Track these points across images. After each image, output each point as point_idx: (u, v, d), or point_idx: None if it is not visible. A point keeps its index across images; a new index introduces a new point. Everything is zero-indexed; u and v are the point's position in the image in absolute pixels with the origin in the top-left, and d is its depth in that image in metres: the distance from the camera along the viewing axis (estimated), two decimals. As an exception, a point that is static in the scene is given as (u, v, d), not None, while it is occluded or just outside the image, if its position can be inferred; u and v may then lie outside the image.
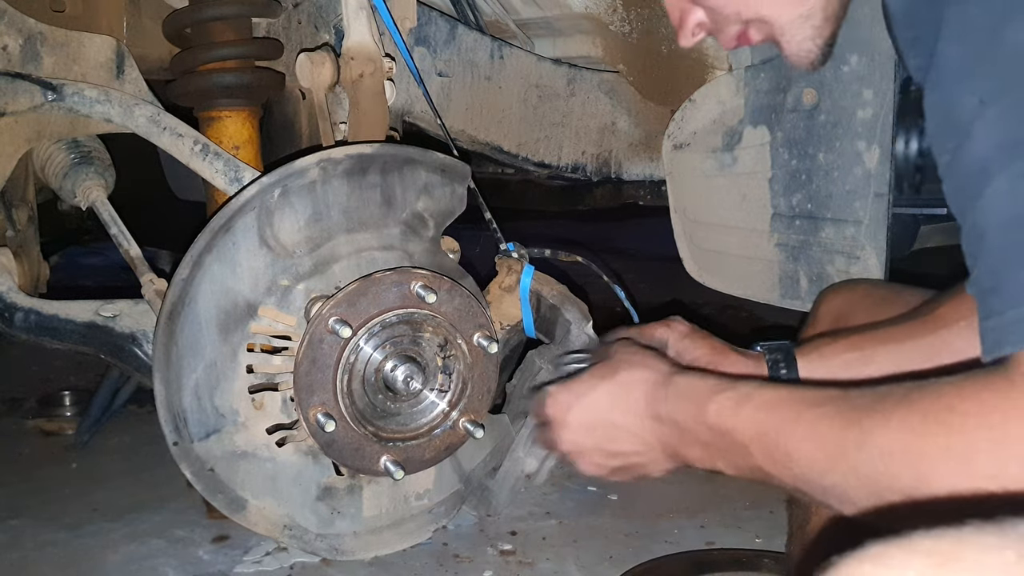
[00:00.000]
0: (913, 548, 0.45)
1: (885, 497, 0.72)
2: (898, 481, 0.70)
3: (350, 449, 1.27)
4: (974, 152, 0.61)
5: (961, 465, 0.67)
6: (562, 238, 3.99)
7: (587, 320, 1.43)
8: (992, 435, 0.66)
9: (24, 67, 1.36)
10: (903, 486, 0.70)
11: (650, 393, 0.96)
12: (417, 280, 1.28)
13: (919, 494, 0.69)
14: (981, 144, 0.60)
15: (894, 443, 0.71)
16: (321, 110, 1.44)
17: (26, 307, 1.33)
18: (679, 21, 0.96)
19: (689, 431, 0.91)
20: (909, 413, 0.71)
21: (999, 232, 0.61)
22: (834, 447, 0.76)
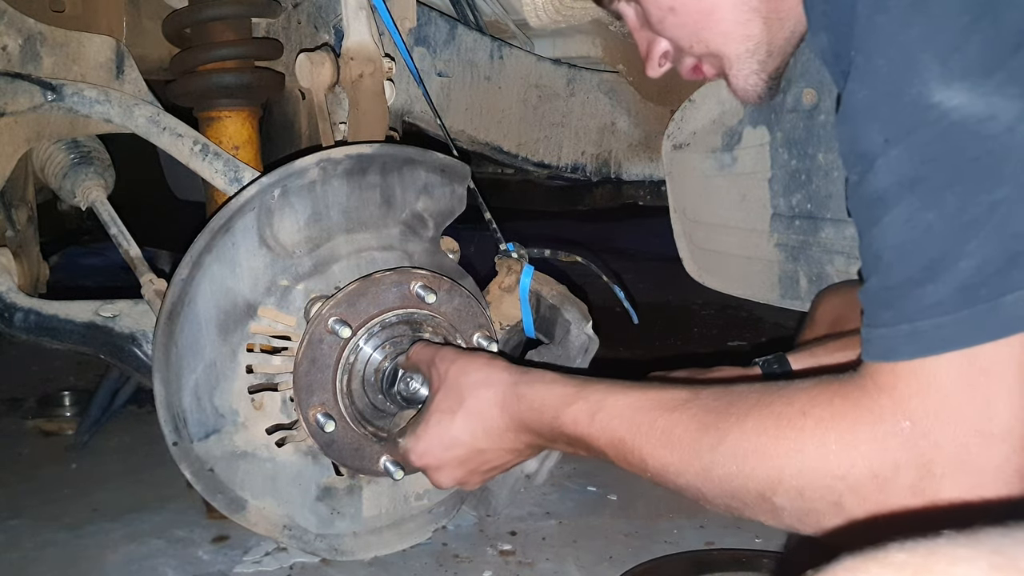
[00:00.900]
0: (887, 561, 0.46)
1: (739, 497, 0.77)
2: (751, 481, 0.75)
3: (350, 449, 1.28)
4: (876, 183, 0.67)
5: (812, 465, 0.71)
6: (562, 238, 3.99)
7: (587, 320, 1.43)
8: (841, 439, 0.70)
9: (24, 67, 1.36)
10: (756, 486, 0.75)
11: (504, 411, 1.02)
12: (417, 280, 1.28)
13: (771, 494, 0.74)
14: (883, 177, 0.67)
15: (748, 444, 0.75)
16: (321, 110, 1.44)
17: (26, 307, 1.33)
18: (646, 52, 1.00)
19: (550, 439, 0.98)
20: (763, 416, 0.75)
21: (895, 253, 0.68)
22: (688, 451, 0.81)
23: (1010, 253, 0.63)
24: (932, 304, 0.66)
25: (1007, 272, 0.63)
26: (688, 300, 3.35)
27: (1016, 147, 0.61)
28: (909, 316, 0.67)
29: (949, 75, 0.61)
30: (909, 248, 0.66)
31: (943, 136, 0.63)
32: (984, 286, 0.64)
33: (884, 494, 0.68)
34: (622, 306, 1.49)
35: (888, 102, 0.65)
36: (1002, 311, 0.64)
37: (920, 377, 0.67)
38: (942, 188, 0.64)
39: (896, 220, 0.66)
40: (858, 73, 0.67)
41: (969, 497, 0.65)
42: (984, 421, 0.65)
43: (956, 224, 0.64)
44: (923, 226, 0.65)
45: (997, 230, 0.63)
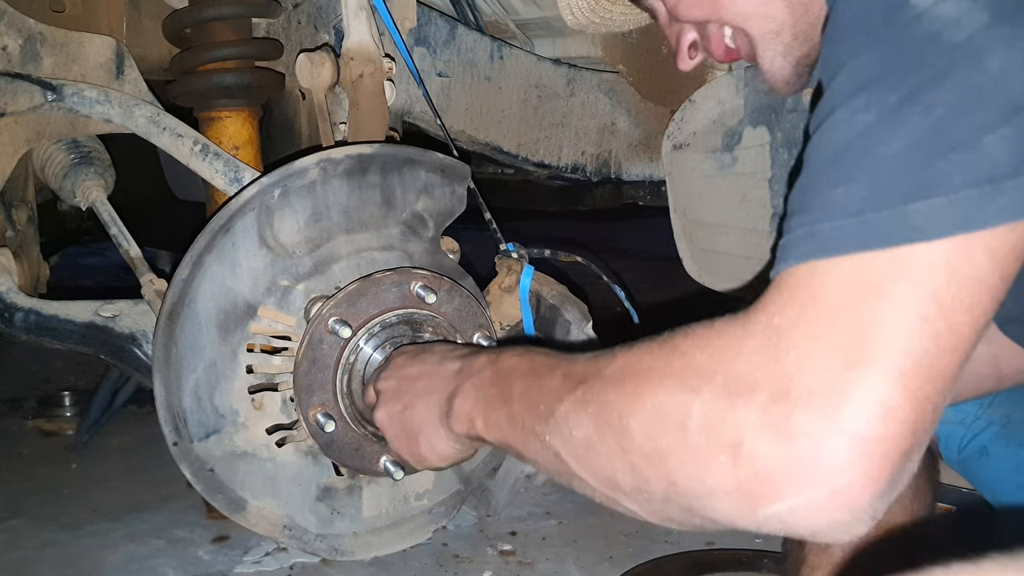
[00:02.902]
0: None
1: (600, 427, 0.69)
2: (616, 401, 0.68)
3: (350, 449, 1.27)
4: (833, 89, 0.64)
5: (672, 381, 0.65)
6: (562, 238, 3.99)
7: (587, 320, 1.43)
8: (706, 354, 0.64)
9: (24, 67, 1.36)
10: (618, 407, 0.67)
11: (446, 349, 1.04)
12: (417, 280, 1.28)
13: (628, 414, 0.66)
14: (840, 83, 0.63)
15: (625, 364, 0.70)
16: (321, 110, 1.44)
17: (26, 307, 1.32)
18: (676, 44, 0.98)
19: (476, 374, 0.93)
20: (652, 341, 0.70)
21: (821, 152, 0.63)
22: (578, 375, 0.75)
23: (932, 159, 0.58)
24: (837, 205, 0.60)
25: (924, 177, 0.58)
26: (688, 300, 3.34)
27: (969, 55, 0.58)
28: (811, 218, 0.62)
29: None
30: (836, 148, 0.62)
31: (905, 37, 0.60)
32: (894, 190, 0.58)
33: (732, 417, 0.59)
34: (622, 306, 1.49)
35: (876, 12, 0.62)
36: (907, 217, 0.58)
37: (800, 284, 0.61)
38: (888, 89, 0.60)
39: (836, 120, 0.63)
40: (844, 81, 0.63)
41: (822, 432, 0.56)
42: (859, 344, 0.57)
43: (887, 124, 0.60)
44: (858, 126, 0.61)
45: (926, 133, 0.58)
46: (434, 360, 1.04)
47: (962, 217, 0.57)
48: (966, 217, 0.57)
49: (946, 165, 0.58)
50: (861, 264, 0.58)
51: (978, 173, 0.57)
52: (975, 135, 0.57)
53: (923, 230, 0.57)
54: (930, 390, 0.57)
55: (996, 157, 0.57)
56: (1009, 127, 0.57)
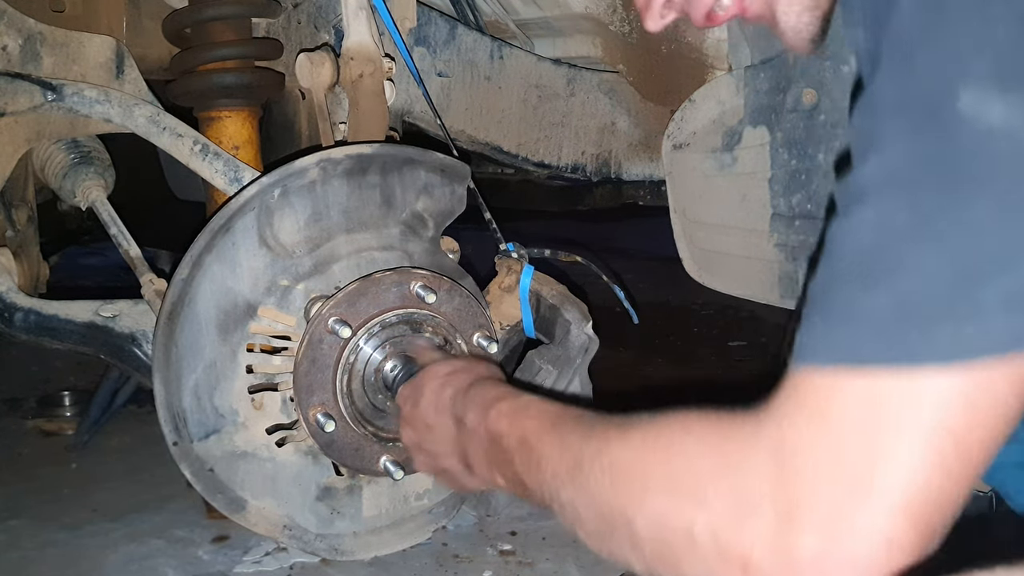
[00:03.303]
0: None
1: (607, 518, 0.70)
2: (618, 497, 0.69)
3: (350, 449, 1.28)
4: (865, 173, 0.60)
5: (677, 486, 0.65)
6: (562, 238, 3.99)
7: (587, 320, 1.43)
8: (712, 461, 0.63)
9: (24, 67, 1.36)
10: (621, 504, 0.68)
11: (455, 395, 1.02)
12: (417, 280, 1.28)
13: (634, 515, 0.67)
14: (873, 169, 0.60)
15: (625, 455, 0.70)
16: (321, 110, 1.44)
17: (26, 307, 1.32)
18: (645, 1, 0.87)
19: (475, 435, 0.96)
20: (648, 428, 0.70)
21: (847, 249, 0.61)
22: (572, 458, 0.75)
23: (964, 279, 0.55)
24: (860, 312, 0.58)
25: (955, 298, 0.55)
26: (688, 300, 3.34)
27: (1015, 166, 0.54)
28: (832, 319, 0.60)
29: (989, 81, 0.55)
30: (864, 247, 0.59)
31: (948, 138, 0.56)
32: (922, 307, 0.56)
33: (739, 535, 0.60)
34: (622, 306, 1.49)
35: (918, 102, 0.57)
36: (934, 338, 0.55)
37: (814, 394, 0.59)
38: (923, 193, 0.57)
39: (864, 216, 0.59)
40: (892, 68, 0.59)
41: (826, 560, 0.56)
42: (867, 474, 0.56)
43: (920, 234, 0.56)
44: (889, 227, 0.58)
45: (959, 250, 0.55)
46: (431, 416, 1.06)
47: (989, 343, 0.55)
48: (993, 343, 0.55)
49: (978, 287, 0.55)
50: (878, 383, 0.57)
51: (1011, 297, 0.55)
52: (1010, 256, 0.54)
53: (947, 354, 0.55)
54: (937, 519, 0.57)
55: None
56: None
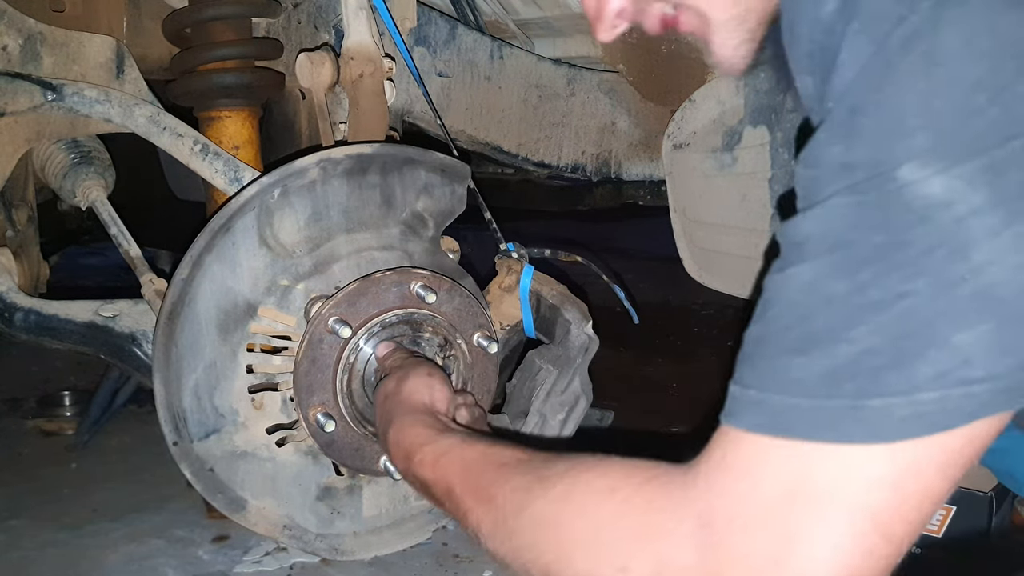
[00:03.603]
0: None
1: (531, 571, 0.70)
2: (543, 555, 0.68)
3: (350, 449, 1.27)
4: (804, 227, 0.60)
5: (601, 550, 0.64)
6: (562, 238, 3.99)
7: (587, 320, 1.43)
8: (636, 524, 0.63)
9: (24, 67, 1.36)
10: (545, 563, 0.68)
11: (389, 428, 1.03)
12: (417, 280, 1.28)
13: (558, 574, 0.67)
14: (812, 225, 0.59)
15: (548, 513, 0.69)
16: (321, 110, 1.44)
17: (26, 307, 1.32)
18: (596, 11, 0.85)
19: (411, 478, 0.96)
20: (573, 485, 0.68)
21: (783, 309, 0.60)
22: (498, 512, 0.75)
23: (896, 352, 0.54)
24: (792, 379, 0.58)
25: (883, 372, 0.54)
26: (688, 300, 3.34)
27: (953, 240, 0.53)
28: (762, 382, 0.59)
29: (931, 155, 0.53)
30: (799, 310, 0.58)
31: (888, 210, 0.55)
32: (853, 380, 0.55)
33: None
34: (622, 306, 1.49)
35: (861, 167, 0.56)
36: (862, 413, 0.55)
37: (742, 461, 0.59)
38: (861, 262, 0.56)
39: (802, 275, 0.58)
40: (835, 126, 0.58)
41: None
42: (787, 556, 0.56)
43: (855, 303, 0.56)
44: (824, 293, 0.57)
45: (893, 323, 0.54)
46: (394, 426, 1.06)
47: (918, 423, 0.54)
48: (923, 423, 0.54)
49: (910, 363, 0.54)
50: (804, 458, 0.56)
51: (943, 374, 0.54)
52: (945, 332, 0.54)
53: (875, 433, 0.55)
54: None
55: (966, 356, 0.54)
56: (986, 324, 0.53)
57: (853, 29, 0.58)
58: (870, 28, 0.57)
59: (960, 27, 0.54)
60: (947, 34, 0.54)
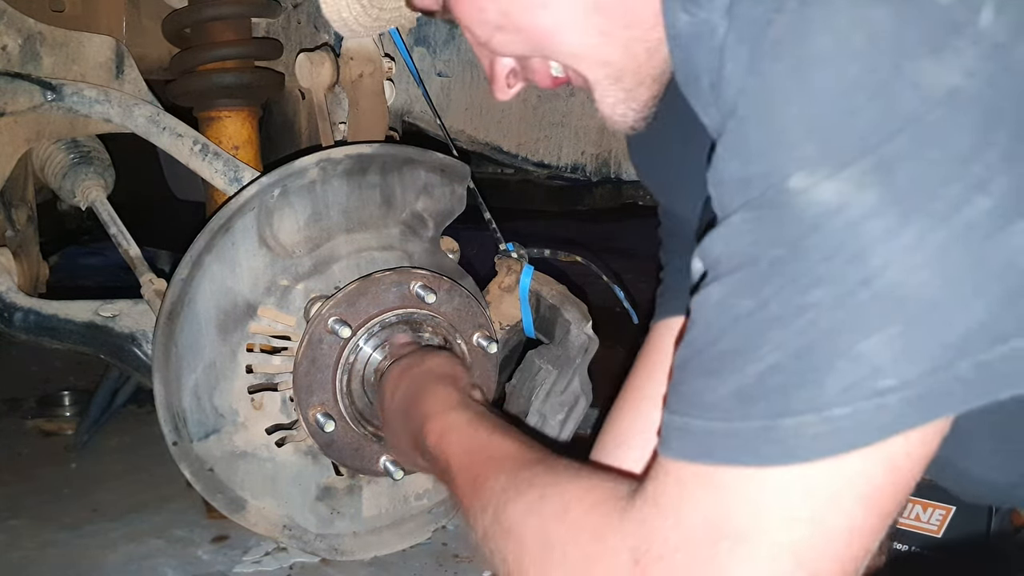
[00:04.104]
0: None
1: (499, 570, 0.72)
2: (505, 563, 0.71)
3: (349, 449, 1.27)
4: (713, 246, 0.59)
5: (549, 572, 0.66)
6: (562, 238, 3.99)
7: (587, 320, 1.43)
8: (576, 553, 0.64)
9: (24, 67, 1.36)
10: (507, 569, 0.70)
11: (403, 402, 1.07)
12: (417, 280, 1.28)
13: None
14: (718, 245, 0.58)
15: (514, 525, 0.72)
16: (321, 110, 1.44)
17: (25, 307, 1.32)
18: (490, 73, 0.86)
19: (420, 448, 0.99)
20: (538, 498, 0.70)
21: (699, 330, 0.59)
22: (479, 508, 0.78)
23: (803, 367, 0.53)
24: (708, 403, 0.57)
25: (793, 389, 0.53)
26: (688, 300, 3.34)
27: (849, 245, 0.51)
28: (686, 407, 0.58)
29: (817, 159, 0.52)
30: (711, 331, 0.57)
31: (782, 220, 0.53)
32: (765, 399, 0.54)
33: None
34: (622, 306, 1.49)
35: (755, 183, 0.55)
36: (776, 434, 0.53)
37: (669, 487, 0.59)
38: (763, 277, 0.54)
39: (712, 295, 0.58)
40: (729, 140, 0.57)
41: None
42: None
43: (758, 320, 0.54)
44: (732, 313, 0.56)
45: (796, 336, 0.53)
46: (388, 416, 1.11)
47: (832, 438, 0.52)
48: (837, 438, 0.52)
49: (817, 376, 0.52)
50: (725, 487, 0.56)
51: (853, 385, 0.52)
52: (850, 341, 0.52)
53: (790, 451, 0.53)
54: None
55: (874, 365, 0.52)
56: (891, 328, 0.51)
57: (731, 39, 0.57)
58: (744, 34, 0.56)
59: (830, 26, 0.52)
60: (817, 35, 0.52)
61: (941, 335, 0.51)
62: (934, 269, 0.51)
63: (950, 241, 0.50)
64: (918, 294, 0.51)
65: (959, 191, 0.50)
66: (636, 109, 0.79)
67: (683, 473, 0.58)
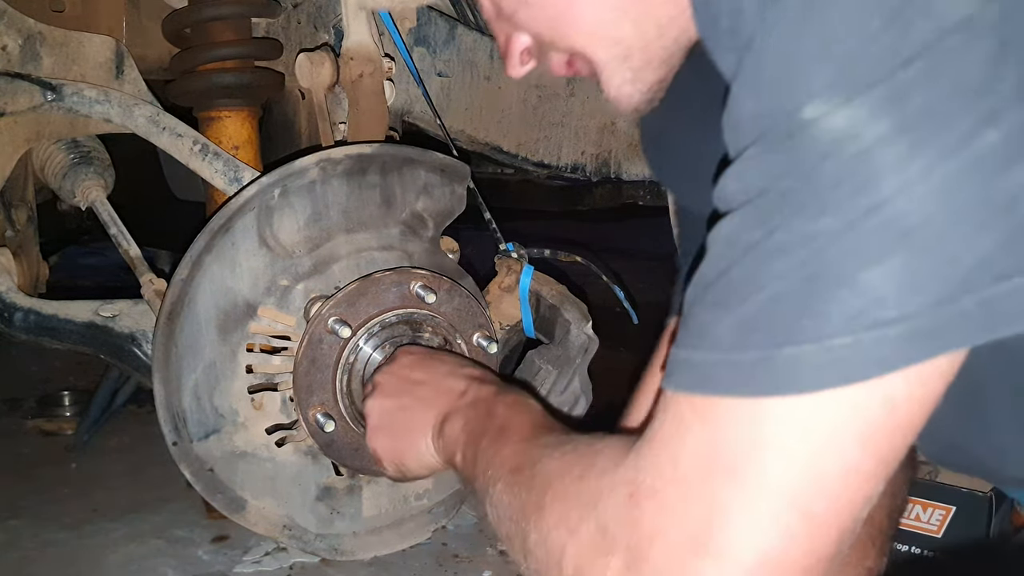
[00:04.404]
0: None
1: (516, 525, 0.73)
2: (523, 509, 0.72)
3: (349, 449, 1.28)
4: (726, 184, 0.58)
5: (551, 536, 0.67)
6: (562, 238, 3.99)
7: (587, 320, 1.43)
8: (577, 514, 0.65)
9: (24, 67, 1.36)
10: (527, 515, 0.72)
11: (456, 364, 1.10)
12: (416, 280, 1.28)
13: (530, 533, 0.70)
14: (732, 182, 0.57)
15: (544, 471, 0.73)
16: (320, 110, 1.44)
17: (25, 307, 1.32)
18: (504, 48, 0.87)
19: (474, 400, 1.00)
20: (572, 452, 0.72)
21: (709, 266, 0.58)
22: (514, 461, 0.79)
23: (805, 295, 0.52)
24: (711, 334, 0.56)
25: (794, 318, 0.52)
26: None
27: (858, 172, 0.51)
28: (692, 340, 0.58)
29: (831, 87, 0.52)
30: (720, 263, 0.57)
31: (795, 150, 0.53)
32: (764, 329, 0.53)
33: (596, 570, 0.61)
34: (622, 306, 1.49)
35: (768, 115, 0.54)
36: (776, 364, 0.52)
37: (669, 422, 0.58)
38: (772, 207, 0.54)
39: (722, 229, 0.57)
40: (745, 78, 0.56)
41: None
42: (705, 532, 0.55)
43: (765, 249, 0.54)
44: (741, 244, 0.55)
45: (800, 265, 0.52)
46: (443, 371, 1.08)
47: (832, 368, 0.52)
48: (836, 369, 0.52)
49: (820, 305, 0.51)
50: (720, 418, 0.55)
51: (855, 315, 0.51)
52: (854, 270, 0.51)
53: (787, 381, 0.52)
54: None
55: (877, 296, 0.51)
56: (896, 258, 0.50)
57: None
58: None
59: None
60: None
61: (946, 269, 0.50)
62: (942, 201, 0.50)
63: (959, 174, 0.50)
64: (925, 225, 0.50)
65: (970, 123, 0.49)
66: (642, 91, 0.79)
67: (681, 406, 0.58)
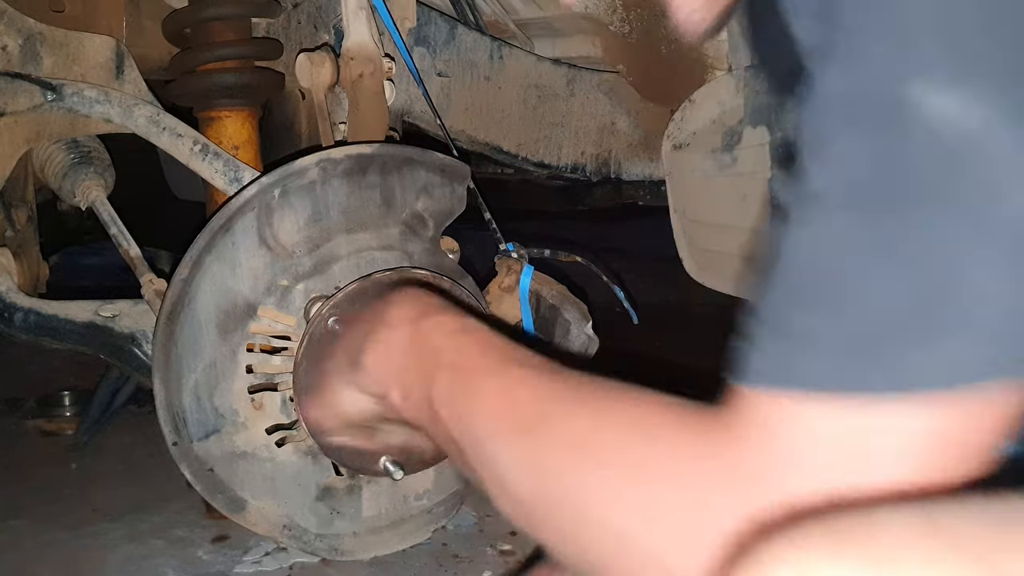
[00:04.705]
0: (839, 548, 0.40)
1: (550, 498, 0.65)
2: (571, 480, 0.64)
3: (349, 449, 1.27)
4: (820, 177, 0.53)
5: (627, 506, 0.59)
6: (562, 238, 3.99)
7: (587, 320, 1.43)
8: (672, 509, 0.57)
9: (24, 67, 1.36)
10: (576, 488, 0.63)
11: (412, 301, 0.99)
12: (417, 280, 1.28)
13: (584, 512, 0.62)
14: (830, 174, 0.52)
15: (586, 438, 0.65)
16: (320, 110, 1.44)
17: (25, 307, 1.33)
18: None
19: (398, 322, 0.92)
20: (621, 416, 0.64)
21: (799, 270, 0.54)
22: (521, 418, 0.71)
23: (911, 295, 0.49)
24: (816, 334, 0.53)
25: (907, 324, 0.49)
26: (688, 300, 3.34)
27: (975, 168, 0.47)
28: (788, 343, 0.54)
29: (942, 66, 0.47)
30: (821, 262, 0.52)
31: (902, 142, 0.48)
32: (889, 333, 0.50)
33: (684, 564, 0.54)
34: (622, 306, 1.49)
35: (869, 100, 0.50)
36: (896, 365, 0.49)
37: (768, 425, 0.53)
38: (882, 205, 0.50)
39: (819, 228, 0.52)
40: (842, 58, 0.51)
41: None
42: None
43: (880, 251, 0.50)
44: (849, 244, 0.51)
45: (908, 263, 0.49)
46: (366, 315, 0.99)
47: (956, 372, 0.49)
48: (942, 374, 0.49)
49: (926, 305, 0.49)
50: (836, 415, 0.51)
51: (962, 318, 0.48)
52: (964, 271, 0.48)
53: (897, 379, 0.50)
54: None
55: (988, 298, 0.48)
56: (1013, 259, 0.47)
57: None
58: None
59: None
60: None
61: None
62: None
63: None
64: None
65: None
66: (712, 16, 0.75)
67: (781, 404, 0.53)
